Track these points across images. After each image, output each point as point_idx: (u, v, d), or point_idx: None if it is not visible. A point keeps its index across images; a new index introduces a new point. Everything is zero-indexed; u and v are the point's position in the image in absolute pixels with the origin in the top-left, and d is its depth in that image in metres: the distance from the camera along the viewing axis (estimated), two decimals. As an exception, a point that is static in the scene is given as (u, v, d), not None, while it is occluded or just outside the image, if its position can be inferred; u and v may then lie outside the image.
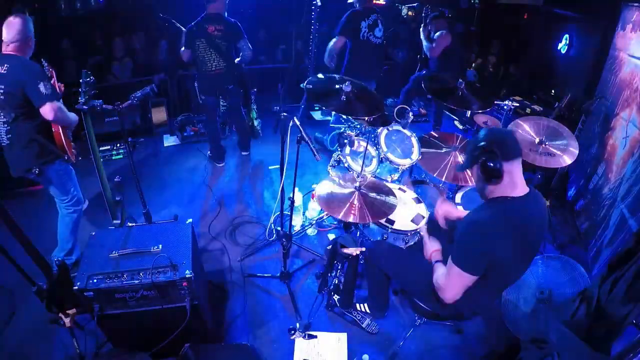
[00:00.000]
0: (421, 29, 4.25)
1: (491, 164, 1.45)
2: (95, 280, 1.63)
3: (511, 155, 1.47)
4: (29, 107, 2.11)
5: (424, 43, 4.19)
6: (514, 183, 1.50)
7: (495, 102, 2.62)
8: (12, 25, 2.12)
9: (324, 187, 2.27)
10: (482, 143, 1.48)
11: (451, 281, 1.56)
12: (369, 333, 2.29)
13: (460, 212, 1.98)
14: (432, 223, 2.15)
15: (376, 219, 2.12)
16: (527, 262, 1.66)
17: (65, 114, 2.23)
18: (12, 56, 2.11)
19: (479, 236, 1.48)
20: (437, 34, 4.07)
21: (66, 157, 2.35)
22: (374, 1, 5.66)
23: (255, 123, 4.35)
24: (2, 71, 2.06)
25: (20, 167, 2.27)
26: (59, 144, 2.28)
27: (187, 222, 1.95)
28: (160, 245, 1.77)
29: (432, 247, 1.86)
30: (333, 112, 4.04)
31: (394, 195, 2.28)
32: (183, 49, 3.34)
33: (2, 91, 2.07)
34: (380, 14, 3.69)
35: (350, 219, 2.06)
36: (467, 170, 2.30)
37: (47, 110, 2.09)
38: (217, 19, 3.22)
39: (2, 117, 2.15)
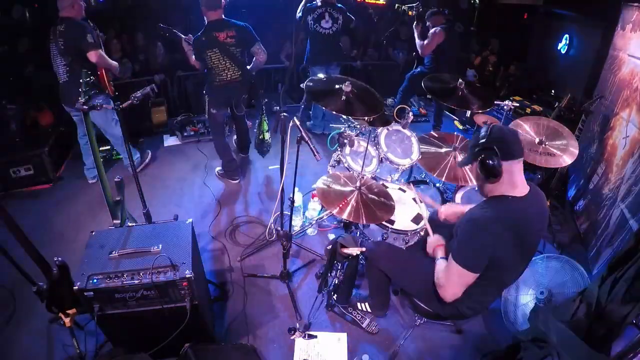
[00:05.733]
0: (414, 26, 4.24)
1: (490, 162, 1.45)
2: (95, 280, 1.62)
3: (511, 155, 1.47)
4: (80, 54, 2.90)
5: (417, 41, 4.19)
6: (514, 182, 1.50)
7: (495, 102, 2.61)
8: None
9: (324, 182, 2.28)
10: (483, 140, 1.48)
11: (451, 279, 1.57)
12: (369, 333, 2.28)
13: (462, 207, 1.95)
14: (434, 220, 2.15)
15: (372, 221, 2.12)
16: (526, 262, 1.66)
17: (106, 59, 3.02)
18: (66, 18, 2.90)
19: (479, 233, 1.48)
20: (431, 31, 4.06)
21: (107, 92, 3.18)
22: (375, 1, 5.67)
23: (267, 136, 3.67)
24: (62, 29, 2.88)
25: (76, 96, 2.69)
26: (102, 82, 3.12)
27: (187, 222, 1.95)
28: (160, 245, 1.76)
29: (436, 242, 1.85)
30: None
31: (392, 198, 2.28)
32: (194, 59, 3.12)
33: (62, 43, 2.90)
34: (330, 8, 3.96)
35: (345, 216, 2.06)
36: (467, 168, 2.29)
37: (92, 55, 2.89)
38: (225, 25, 2.96)
39: (63, 60, 2.99)
